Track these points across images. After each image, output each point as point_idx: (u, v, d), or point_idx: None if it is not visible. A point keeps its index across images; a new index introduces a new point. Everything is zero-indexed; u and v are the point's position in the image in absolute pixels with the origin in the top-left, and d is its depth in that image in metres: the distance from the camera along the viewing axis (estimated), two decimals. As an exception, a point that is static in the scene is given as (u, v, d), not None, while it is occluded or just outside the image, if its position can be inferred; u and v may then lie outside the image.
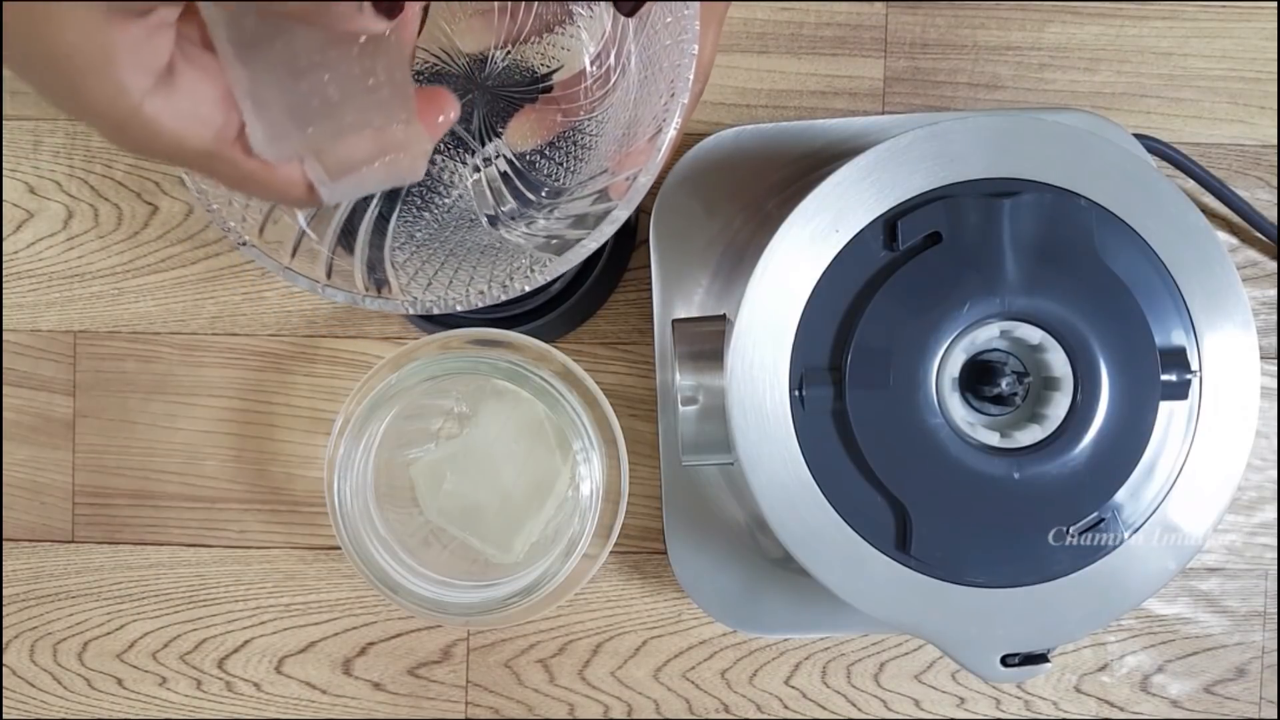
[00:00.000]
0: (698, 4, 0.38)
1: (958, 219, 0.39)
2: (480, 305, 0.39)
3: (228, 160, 0.29)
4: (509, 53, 0.46)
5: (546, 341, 0.52)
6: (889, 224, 0.40)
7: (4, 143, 0.57)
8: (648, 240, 0.51)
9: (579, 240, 0.39)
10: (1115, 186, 0.40)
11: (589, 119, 0.46)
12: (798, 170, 0.50)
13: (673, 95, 0.38)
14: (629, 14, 0.35)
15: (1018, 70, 0.56)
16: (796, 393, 0.40)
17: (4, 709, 0.56)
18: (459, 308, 0.39)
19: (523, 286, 0.39)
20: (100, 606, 0.57)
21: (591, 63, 0.46)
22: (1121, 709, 0.56)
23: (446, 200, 0.47)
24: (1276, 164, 0.56)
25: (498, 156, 0.47)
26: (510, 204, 0.47)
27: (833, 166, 0.40)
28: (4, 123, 0.57)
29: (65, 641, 0.57)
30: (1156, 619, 0.56)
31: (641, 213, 0.56)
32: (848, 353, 0.39)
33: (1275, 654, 0.56)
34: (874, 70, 0.55)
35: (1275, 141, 0.56)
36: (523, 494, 0.53)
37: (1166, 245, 0.40)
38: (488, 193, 0.47)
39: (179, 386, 0.57)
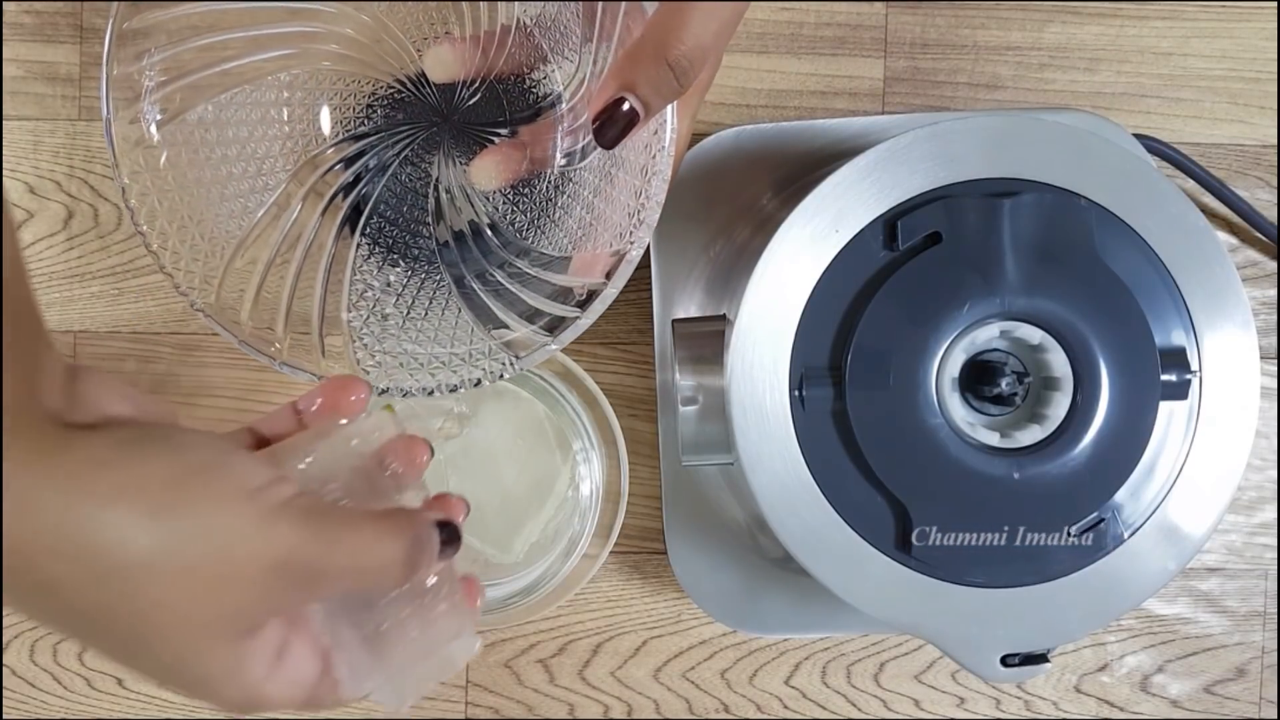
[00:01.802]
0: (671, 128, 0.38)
1: (958, 219, 0.39)
2: (441, 392, 0.40)
3: (316, 702, 0.32)
4: (479, 89, 0.46)
5: (546, 341, 0.52)
6: (889, 224, 0.40)
7: (4, 143, 0.56)
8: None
9: (544, 344, 0.39)
10: (1115, 186, 0.40)
11: (559, 177, 0.46)
12: (798, 170, 0.50)
13: (641, 221, 0.38)
14: (608, 147, 0.36)
15: (1018, 70, 0.56)
16: (796, 393, 0.40)
17: (4, 709, 0.56)
18: (416, 392, 0.39)
19: (479, 381, 0.40)
20: (100, 606, 0.57)
21: (566, 113, 0.45)
22: (1121, 709, 0.56)
23: (416, 244, 0.47)
24: (1276, 164, 0.56)
25: (457, 186, 0.47)
26: (475, 252, 0.46)
27: (833, 166, 0.40)
28: (4, 123, 0.56)
29: (65, 641, 0.57)
30: (1156, 619, 0.56)
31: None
32: (848, 353, 0.39)
33: (1275, 654, 0.56)
34: (874, 70, 0.55)
35: (1275, 141, 0.56)
36: (523, 494, 0.53)
37: (1166, 245, 0.40)
38: (447, 219, 0.46)
39: (179, 387, 0.57)
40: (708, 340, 0.41)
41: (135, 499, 0.26)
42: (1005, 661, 0.40)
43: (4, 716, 0.56)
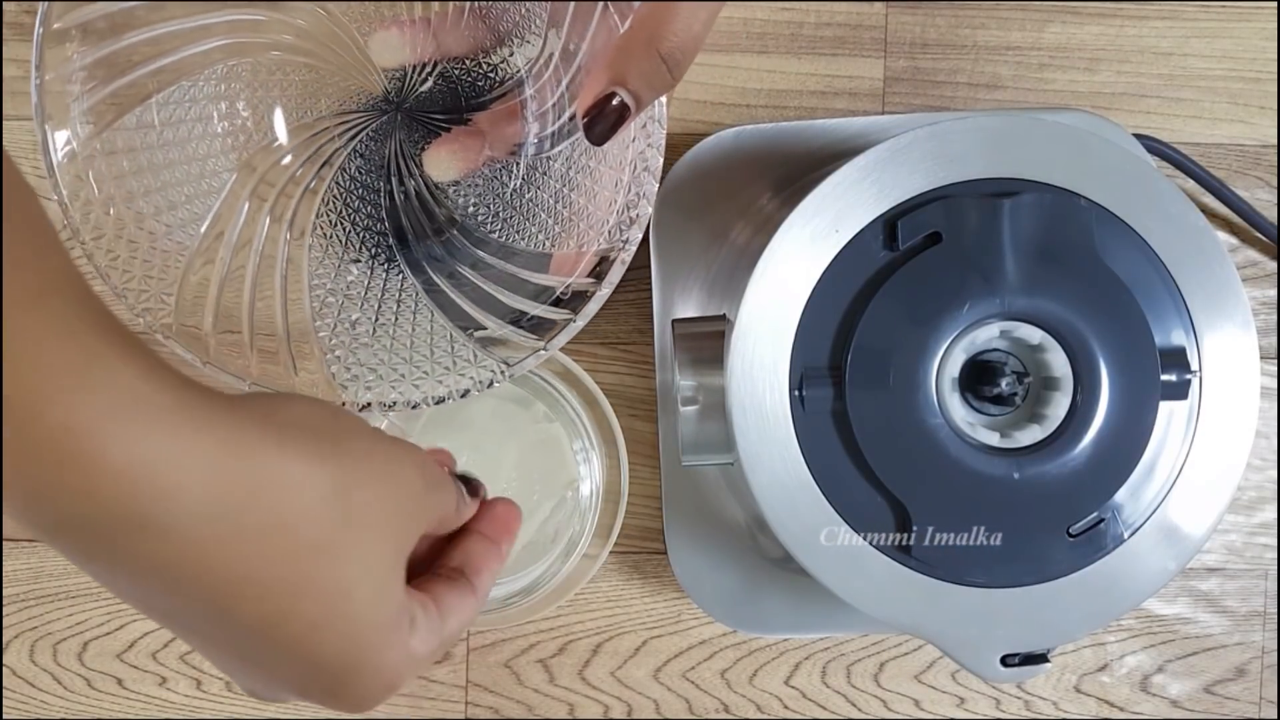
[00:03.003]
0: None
1: (958, 219, 0.39)
2: (428, 404, 0.38)
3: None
4: (430, 74, 0.44)
5: (546, 341, 0.51)
6: (889, 224, 0.40)
7: (4, 143, 0.56)
8: (647, 240, 0.51)
9: (536, 349, 0.37)
10: (1115, 186, 0.40)
11: (528, 169, 0.43)
12: (798, 170, 0.50)
13: (633, 219, 0.37)
14: (598, 143, 0.35)
15: (1018, 70, 0.55)
16: (796, 393, 0.40)
17: (4, 709, 0.56)
18: (401, 406, 0.38)
19: (467, 392, 0.38)
20: (100, 606, 0.57)
21: (533, 96, 0.43)
22: (1121, 709, 0.56)
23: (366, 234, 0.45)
24: (1276, 164, 0.56)
25: (412, 179, 0.44)
26: (439, 249, 0.44)
27: (833, 166, 0.40)
28: (4, 123, 0.56)
29: (65, 641, 0.57)
30: (1156, 619, 0.56)
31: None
32: (848, 353, 0.39)
33: (1275, 654, 0.56)
34: (874, 70, 0.55)
35: (1275, 141, 0.56)
36: (521, 494, 0.53)
37: (1166, 245, 0.40)
38: (403, 214, 0.44)
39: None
40: (708, 340, 0.41)
41: (316, 430, 0.26)
42: (1005, 661, 0.40)
43: (4, 716, 0.56)
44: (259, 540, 0.24)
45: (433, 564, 0.33)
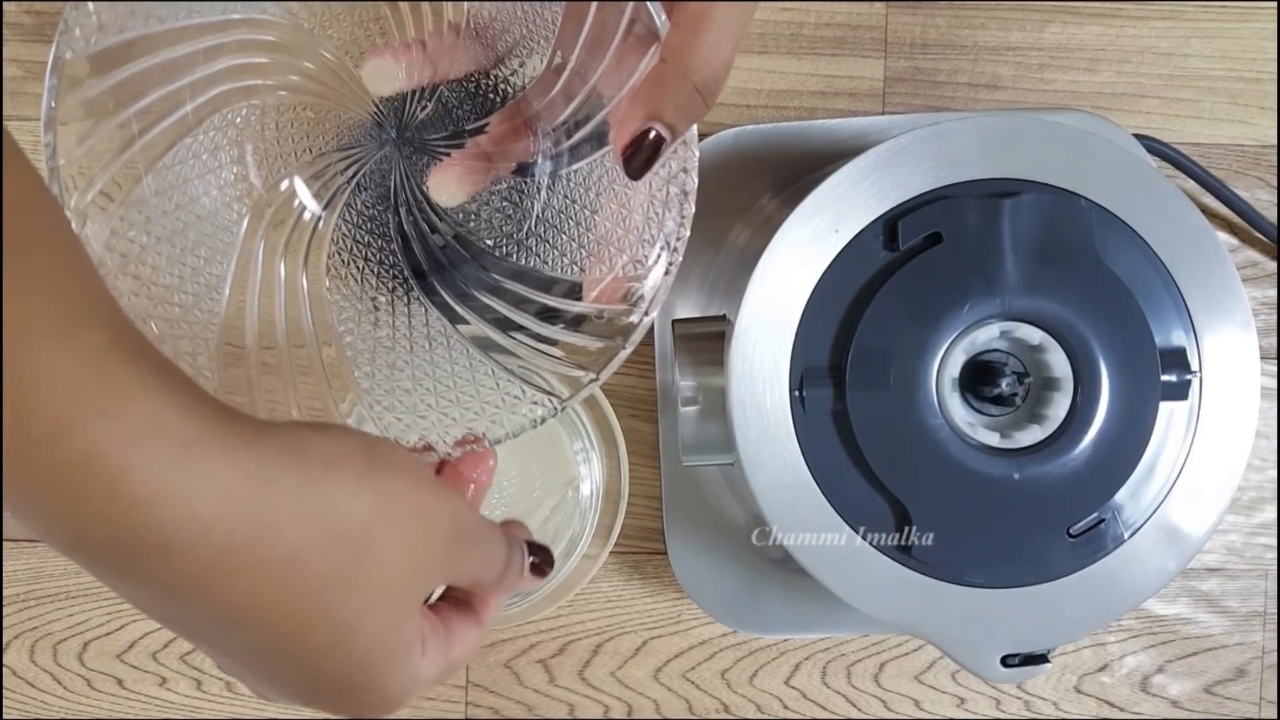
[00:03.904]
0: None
1: (958, 219, 0.39)
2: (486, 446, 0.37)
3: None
4: (429, 98, 0.43)
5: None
6: (889, 224, 0.40)
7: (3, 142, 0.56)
8: (648, 240, 0.51)
9: (586, 381, 0.37)
10: (1115, 186, 0.40)
11: (547, 191, 0.43)
12: (797, 170, 0.50)
13: (675, 246, 0.36)
14: (636, 177, 0.35)
15: (1018, 70, 0.56)
16: (797, 393, 0.40)
17: (4, 709, 0.56)
18: (455, 452, 0.37)
19: (521, 430, 0.37)
20: (100, 606, 0.57)
21: (543, 112, 0.42)
22: (1121, 709, 0.56)
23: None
24: (1276, 164, 0.56)
25: (419, 208, 0.43)
26: (458, 280, 0.43)
27: (833, 166, 0.40)
28: (4, 123, 0.56)
29: (65, 641, 0.57)
30: (1156, 619, 0.56)
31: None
32: (848, 353, 0.39)
33: (1275, 654, 0.56)
34: (874, 70, 0.55)
35: (1275, 141, 0.56)
36: (521, 494, 0.53)
37: (1166, 245, 0.40)
38: (415, 244, 0.43)
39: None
40: (708, 340, 0.41)
41: (346, 466, 0.26)
42: (1005, 662, 0.40)
43: (4, 716, 0.56)
44: (273, 571, 0.24)
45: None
